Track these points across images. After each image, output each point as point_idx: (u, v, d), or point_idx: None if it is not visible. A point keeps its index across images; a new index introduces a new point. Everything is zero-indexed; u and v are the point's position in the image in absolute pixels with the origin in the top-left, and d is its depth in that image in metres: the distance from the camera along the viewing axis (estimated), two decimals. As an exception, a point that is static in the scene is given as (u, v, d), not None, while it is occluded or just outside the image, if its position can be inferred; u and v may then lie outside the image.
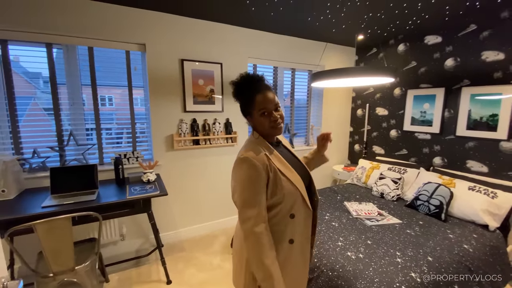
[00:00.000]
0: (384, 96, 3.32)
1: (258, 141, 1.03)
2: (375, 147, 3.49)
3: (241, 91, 1.04)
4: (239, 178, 0.95)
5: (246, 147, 1.00)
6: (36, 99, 2.30)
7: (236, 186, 0.96)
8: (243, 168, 0.94)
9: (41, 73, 2.24)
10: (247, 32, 2.83)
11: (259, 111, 1.00)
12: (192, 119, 2.67)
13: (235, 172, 0.97)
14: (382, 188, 2.64)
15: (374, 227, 1.97)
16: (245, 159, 0.93)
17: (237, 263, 1.09)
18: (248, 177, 0.93)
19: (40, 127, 2.29)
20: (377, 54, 3.35)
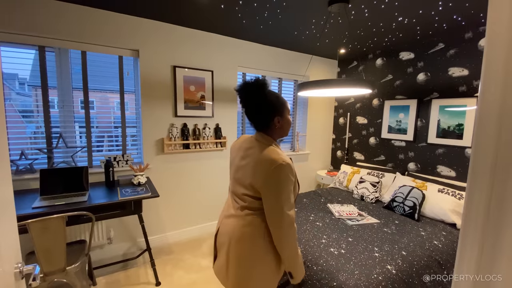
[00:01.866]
0: (363, 106, 3.56)
1: (278, 147, 1.15)
2: (355, 153, 3.70)
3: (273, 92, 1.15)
4: (282, 181, 1.03)
5: (277, 152, 1.06)
6: (12, 101, 2.28)
7: (278, 188, 1.03)
8: (286, 172, 1.03)
9: (17, 75, 2.24)
10: (238, 42, 2.98)
11: (288, 112, 1.17)
12: (182, 123, 2.74)
13: (277, 175, 1.02)
14: (362, 191, 2.82)
15: (355, 226, 2.11)
16: (287, 165, 1.03)
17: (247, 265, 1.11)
18: (290, 182, 1.05)
19: (14, 128, 2.21)
20: (357, 67, 3.60)
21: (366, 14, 2.20)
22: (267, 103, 1.11)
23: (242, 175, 1.15)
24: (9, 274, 0.69)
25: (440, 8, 2.06)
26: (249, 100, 1.12)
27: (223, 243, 1.17)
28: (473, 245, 0.45)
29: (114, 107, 2.60)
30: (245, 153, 1.16)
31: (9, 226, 0.72)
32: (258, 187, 1.06)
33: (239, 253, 1.11)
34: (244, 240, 1.10)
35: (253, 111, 1.13)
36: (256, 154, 1.09)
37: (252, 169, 1.09)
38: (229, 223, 1.17)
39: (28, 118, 2.29)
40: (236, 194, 1.19)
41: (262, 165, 1.04)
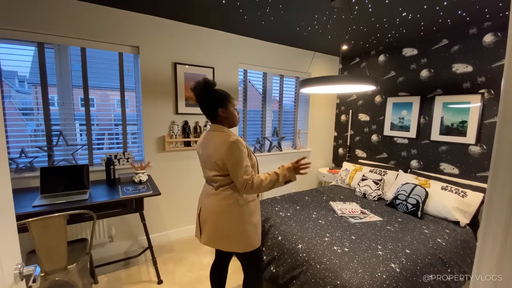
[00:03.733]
0: (366, 103, 3.53)
1: (230, 130, 1.43)
2: (357, 150, 3.68)
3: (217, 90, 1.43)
4: (237, 153, 1.31)
5: (228, 134, 1.37)
6: (11, 99, 2.26)
7: (236, 160, 1.31)
8: (238, 146, 1.32)
9: (16, 73, 2.22)
10: (239, 38, 2.94)
11: (232, 106, 1.45)
12: (183, 121, 2.72)
13: (232, 150, 1.31)
14: (365, 189, 2.80)
15: (358, 224, 2.10)
16: (237, 141, 1.33)
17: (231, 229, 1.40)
18: (243, 153, 1.33)
19: (14, 126, 2.20)
20: (360, 64, 3.56)
21: (369, 10, 2.16)
22: (210, 97, 1.39)
23: (209, 161, 1.41)
24: (9, 275, 0.67)
25: (445, 3, 2.02)
26: (199, 97, 1.40)
27: (206, 217, 1.44)
28: (495, 244, 0.43)
29: (114, 105, 2.57)
30: (206, 144, 1.45)
31: (8, 226, 0.70)
32: (223, 163, 1.34)
33: (221, 220, 1.40)
34: (222, 211, 1.40)
35: (202, 106, 1.42)
36: (214, 140, 1.39)
37: (214, 152, 1.36)
38: (208, 201, 1.45)
39: (28, 116, 2.27)
40: (209, 178, 1.47)
41: (220, 145, 1.34)
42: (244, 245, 1.43)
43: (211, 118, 1.45)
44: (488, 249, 0.45)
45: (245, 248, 1.43)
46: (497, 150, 0.45)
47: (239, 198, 1.41)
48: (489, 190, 0.45)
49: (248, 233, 1.42)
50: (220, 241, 1.43)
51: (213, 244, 1.46)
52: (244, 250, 1.44)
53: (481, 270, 0.46)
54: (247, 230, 1.42)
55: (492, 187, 0.44)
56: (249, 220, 1.43)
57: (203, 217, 1.46)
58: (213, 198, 1.43)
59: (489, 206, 0.44)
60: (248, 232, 1.43)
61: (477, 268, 0.47)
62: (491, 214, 0.44)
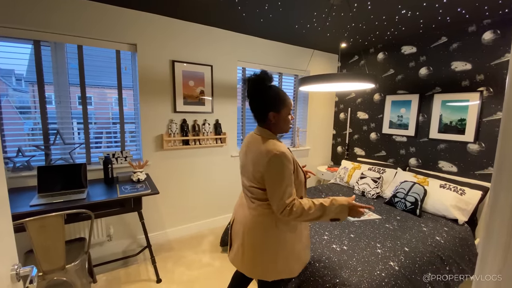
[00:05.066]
0: (364, 101, 3.52)
1: (277, 139, 1.20)
2: (356, 148, 3.68)
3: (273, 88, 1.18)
4: (279, 169, 1.07)
5: (273, 143, 1.12)
6: (8, 97, 2.24)
7: (277, 177, 1.08)
8: (282, 162, 1.07)
9: (13, 70, 2.19)
10: (238, 36, 2.92)
11: (287, 111, 1.19)
12: (182, 119, 2.70)
13: (274, 165, 1.07)
14: (363, 187, 2.81)
15: (357, 223, 2.10)
16: (282, 154, 1.08)
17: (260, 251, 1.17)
18: (287, 170, 1.08)
19: (11, 125, 2.18)
20: (359, 61, 3.55)
21: (369, 7, 2.15)
22: (263, 97, 1.16)
23: (246, 168, 1.22)
24: (5, 276, 0.66)
25: (444, 1, 2.01)
26: (251, 93, 1.18)
27: (237, 231, 1.26)
28: (498, 243, 0.42)
29: (112, 103, 2.55)
30: (247, 148, 1.24)
31: (3, 226, 0.69)
32: (260, 177, 1.13)
33: (253, 241, 1.18)
34: (256, 229, 1.18)
35: (252, 105, 1.20)
36: (256, 147, 1.16)
37: (252, 162, 1.16)
38: (242, 213, 1.26)
39: (26, 115, 2.25)
40: (245, 186, 1.27)
41: (260, 156, 1.11)
42: (273, 273, 1.18)
43: (256, 120, 1.22)
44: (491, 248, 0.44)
45: (271, 276, 1.19)
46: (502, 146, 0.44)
47: (278, 220, 1.16)
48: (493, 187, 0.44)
49: (283, 260, 1.18)
50: (246, 265, 1.21)
51: (238, 265, 1.25)
52: (271, 279, 1.20)
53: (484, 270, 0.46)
54: (282, 256, 1.17)
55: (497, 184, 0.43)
56: (290, 248, 1.18)
57: (235, 230, 1.28)
58: (248, 211, 1.22)
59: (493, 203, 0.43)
60: (284, 260, 1.18)
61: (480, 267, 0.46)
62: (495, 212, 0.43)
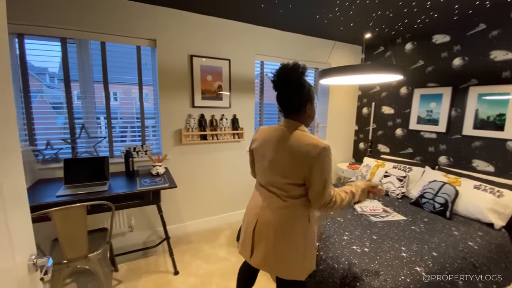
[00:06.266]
0: (390, 94, 3.33)
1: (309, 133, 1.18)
2: (380, 145, 3.50)
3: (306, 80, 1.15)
4: (327, 163, 1.07)
5: (314, 138, 1.11)
6: (43, 94, 2.35)
7: (326, 171, 1.07)
8: (329, 155, 1.08)
9: (47, 69, 2.29)
10: (256, 29, 2.86)
11: (315, 102, 1.20)
12: (200, 114, 2.71)
13: (322, 158, 1.05)
14: (387, 185, 2.66)
15: (379, 223, 1.99)
16: (328, 148, 1.08)
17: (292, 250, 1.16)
18: (331, 163, 1.10)
19: (46, 119, 2.32)
20: (384, 53, 3.35)
21: (397, -7, 2.00)
22: (302, 88, 1.12)
23: (282, 164, 1.14)
24: (23, 266, 0.67)
25: (485, -18, 1.81)
26: (286, 83, 1.12)
27: (264, 234, 1.19)
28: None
29: (136, 99, 2.62)
30: (279, 144, 1.15)
31: (22, 218, 0.70)
32: (304, 173, 1.08)
33: (288, 240, 1.15)
34: (292, 228, 1.15)
35: (289, 95, 1.14)
36: (297, 141, 1.09)
37: (293, 157, 1.09)
38: (270, 214, 1.18)
39: (58, 110, 2.35)
40: (276, 185, 1.18)
41: (308, 149, 1.06)
42: (304, 271, 1.20)
43: (289, 114, 1.17)
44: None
45: (303, 274, 1.20)
46: None
47: (311, 213, 1.18)
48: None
49: (311, 255, 1.22)
50: (278, 266, 1.17)
51: (268, 268, 1.20)
52: (305, 277, 1.20)
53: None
54: (311, 252, 1.21)
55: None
56: (313, 241, 1.22)
57: (261, 233, 1.20)
58: (278, 210, 1.16)
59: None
60: (310, 255, 1.21)
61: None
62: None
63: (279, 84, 1.13)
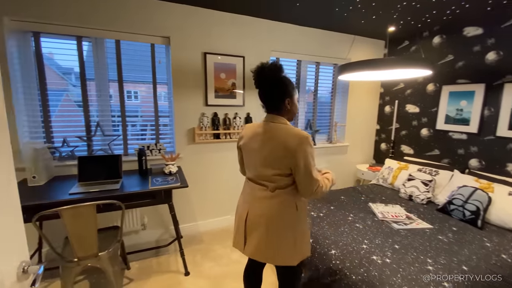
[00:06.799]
0: (415, 92, 3.11)
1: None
2: (403, 146, 3.29)
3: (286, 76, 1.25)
4: (310, 151, 1.16)
5: (296, 129, 1.19)
6: (68, 93, 2.39)
7: (310, 158, 1.15)
8: (311, 144, 1.17)
9: (73, 69, 2.32)
10: (271, 24, 2.76)
11: (297, 97, 1.29)
12: (213, 113, 2.66)
13: (305, 147, 1.14)
14: (411, 190, 2.48)
15: (402, 231, 1.84)
16: (309, 137, 1.17)
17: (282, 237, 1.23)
18: (313, 151, 1.19)
19: (71, 117, 2.38)
20: (409, 47, 3.14)
21: (426, -20, 1.83)
22: (281, 84, 1.21)
23: (269, 156, 1.20)
24: (12, 273, 0.63)
25: (530, -36, 1.61)
26: (265, 80, 1.22)
27: (256, 223, 1.25)
28: None
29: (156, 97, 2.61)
30: (264, 138, 1.22)
31: (11, 221, 0.66)
32: (290, 162, 1.16)
33: (277, 228, 1.22)
34: (281, 215, 1.22)
35: (268, 91, 1.23)
36: (281, 134, 1.18)
37: (282, 146, 1.16)
38: (260, 205, 1.25)
39: (81, 108, 2.38)
40: (264, 177, 1.25)
41: (291, 140, 1.14)
42: (299, 255, 1.27)
43: (271, 109, 1.25)
44: None
45: (297, 259, 1.26)
46: None
47: (298, 202, 1.25)
48: None
49: (303, 240, 1.28)
50: (271, 253, 1.23)
51: (261, 256, 1.25)
52: (296, 263, 1.26)
53: None
54: (302, 237, 1.28)
55: None
56: (303, 227, 1.28)
57: (252, 224, 1.26)
58: (267, 201, 1.23)
59: None
60: (303, 239, 1.28)
61: None
62: None
63: (259, 81, 1.22)
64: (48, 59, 2.25)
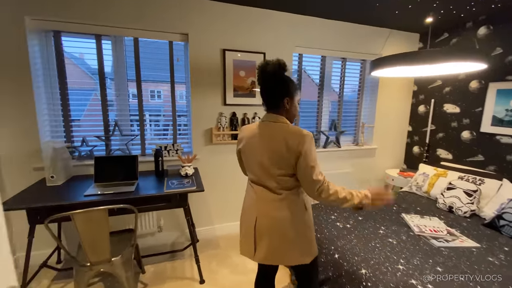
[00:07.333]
0: (455, 90, 2.79)
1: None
2: (439, 150, 2.97)
3: (287, 76, 1.21)
4: (313, 149, 1.14)
5: (297, 127, 1.17)
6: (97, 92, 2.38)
7: (311, 154, 1.11)
8: (313, 142, 1.14)
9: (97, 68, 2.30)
10: (294, 18, 2.58)
11: (298, 96, 1.25)
12: (231, 112, 2.54)
13: (308, 144, 1.11)
14: (451, 200, 2.20)
15: (444, 250, 1.60)
16: (312, 135, 1.14)
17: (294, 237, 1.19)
18: (315, 149, 1.16)
19: (94, 116, 2.35)
20: (449, 40, 2.82)
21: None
22: (281, 83, 1.18)
23: (272, 158, 1.16)
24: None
25: None
26: (267, 77, 1.18)
27: (266, 227, 1.21)
28: None
29: (177, 97, 2.55)
30: (265, 138, 1.19)
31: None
32: (292, 160, 1.12)
33: (288, 229, 1.18)
34: (291, 217, 1.19)
35: (268, 89, 1.20)
36: (281, 133, 1.15)
37: (282, 147, 1.13)
38: (266, 208, 1.21)
39: (111, 107, 2.36)
40: (269, 179, 1.20)
41: (293, 138, 1.12)
42: (311, 254, 1.27)
43: (271, 107, 1.22)
44: None
45: (311, 257, 1.26)
46: None
47: (305, 200, 1.24)
48: None
49: (312, 239, 1.28)
50: (285, 255, 1.21)
51: (274, 259, 1.22)
52: (310, 260, 1.25)
53: None
54: (312, 236, 1.27)
55: None
56: (311, 225, 1.28)
57: (262, 229, 1.21)
58: (276, 204, 1.19)
59: None
60: (312, 238, 1.28)
61: None
62: None
63: (262, 78, 1.19)
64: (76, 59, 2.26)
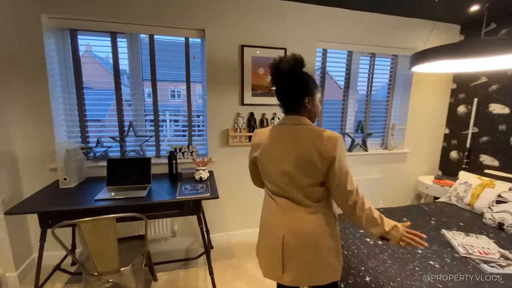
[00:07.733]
0: (504, 88, 2.44)
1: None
2: (483, 156, 2.62)
3: (307, 72, 1.07)
4: (344, 154, 1.01)
5: (325, 129, 1.03)
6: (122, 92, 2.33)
7: (345, 159, 1.00)
8: (343, 144, 1.02)
9: (125, 70, 2.26)
10: (317, 10, 2.38)
11: (319, 95, 1.11)
12: (249, 113, 2.39)
13: (341, 148, 0.99)
14: (501, 216, 1.89)
15: (499, 277, 1.34)
16: (341, 136, 1.01)
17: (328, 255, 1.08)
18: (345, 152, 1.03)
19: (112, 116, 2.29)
20: (497, 31, 2.47)
21: None
22: (299, 81, 1.05)
23: (299, 165, 1.02)
24: None
25: None
26: (283, 75, 1.05)
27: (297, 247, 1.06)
28: None
29: (196, 96, 2.46)
30: (290, 142, 1.04)
31: None
32: (323, 167, 1.00)
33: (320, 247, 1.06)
34: (324, 233, 1.07)
35: (285, 88, 1.07)
36: (309, 136, 1.01)
37: (312, 152, 0.99)
38: (296, 225, 1.07)
39: (129, 107, 2.31)
40: (294, 190, 1.06)
41: (324, 141, 0.99)
42: (338, 271, 1.14)
43: (290, 109, 1.09)
44: None
45: (338, 274, 1.13)
46: None
47: (335, 212, 1.13)
48: None
49: (340, 251, 1.15)
50: (317, 275, 1.08)
51: (306, 280, 1.08)
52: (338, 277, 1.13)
53: None
54: (340, 248, 1.15)
55: None
56: (339, 237, 1.15)
57: (292, 248, 1.06)
58: (307, 218, 1.05)
59: None
60: (340, 250, 1.15)
61: None
62: None
63: (276, 76, 1.07)
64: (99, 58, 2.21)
